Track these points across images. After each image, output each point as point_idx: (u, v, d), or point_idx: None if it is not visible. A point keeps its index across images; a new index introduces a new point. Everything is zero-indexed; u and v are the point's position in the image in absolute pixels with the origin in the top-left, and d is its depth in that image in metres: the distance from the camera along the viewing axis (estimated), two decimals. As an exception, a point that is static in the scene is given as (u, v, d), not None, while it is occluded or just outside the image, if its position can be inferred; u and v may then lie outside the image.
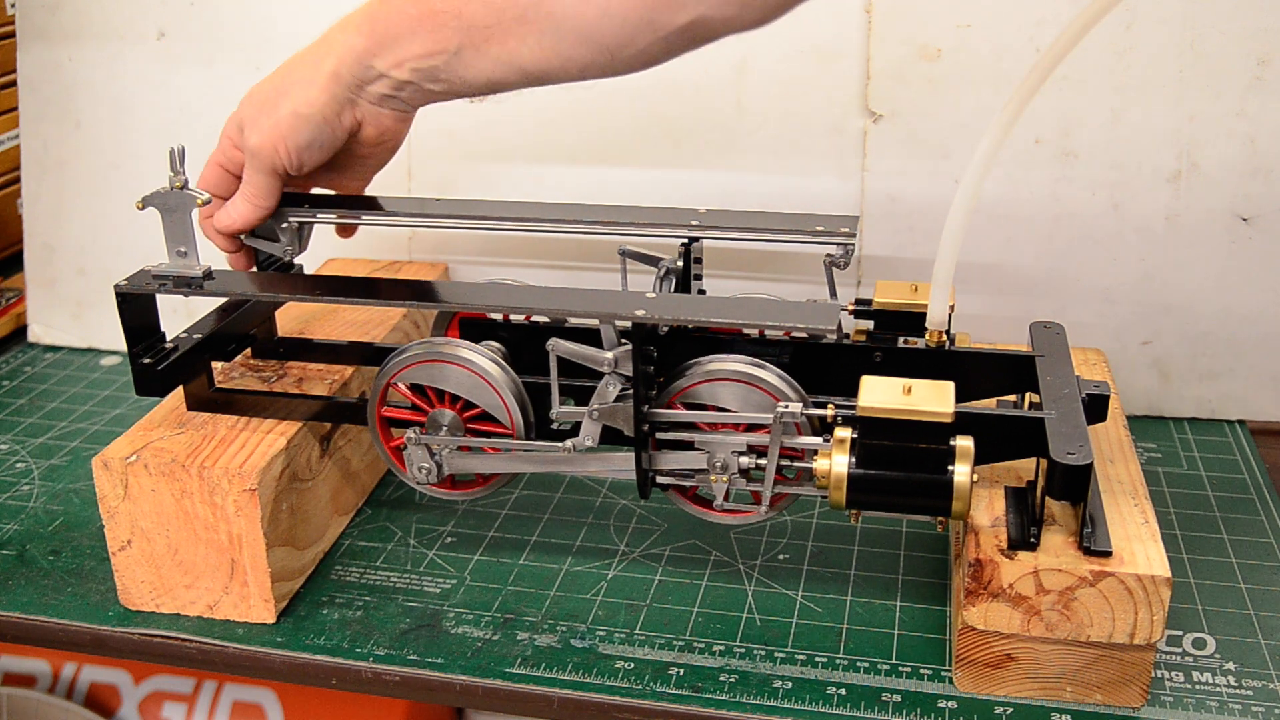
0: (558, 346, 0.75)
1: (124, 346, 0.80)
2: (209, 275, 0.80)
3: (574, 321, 0.83)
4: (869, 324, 0.81)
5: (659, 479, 0.77)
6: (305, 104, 0.77)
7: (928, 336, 0.78)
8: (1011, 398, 0.80)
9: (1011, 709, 0.72)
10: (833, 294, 0.80)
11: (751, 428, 0.74)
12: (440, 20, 0.74)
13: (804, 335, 0.79)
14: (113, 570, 0.81)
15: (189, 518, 0.78)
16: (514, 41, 0.73)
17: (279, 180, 0.80)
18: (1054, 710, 0.71)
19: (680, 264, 0.80)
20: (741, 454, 0.74)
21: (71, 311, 1.19)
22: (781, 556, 0.85)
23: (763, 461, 0.73)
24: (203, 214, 0.83)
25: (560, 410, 0.77)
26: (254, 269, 0.86)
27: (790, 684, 0.74)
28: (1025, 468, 0.77)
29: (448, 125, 1.05)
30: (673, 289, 0.80)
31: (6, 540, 0.89)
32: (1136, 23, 0.92)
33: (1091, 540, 0.69)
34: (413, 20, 0.75)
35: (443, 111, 1.04)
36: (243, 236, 0.83)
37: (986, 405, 0.76)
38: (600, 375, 0.75)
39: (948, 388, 0.68)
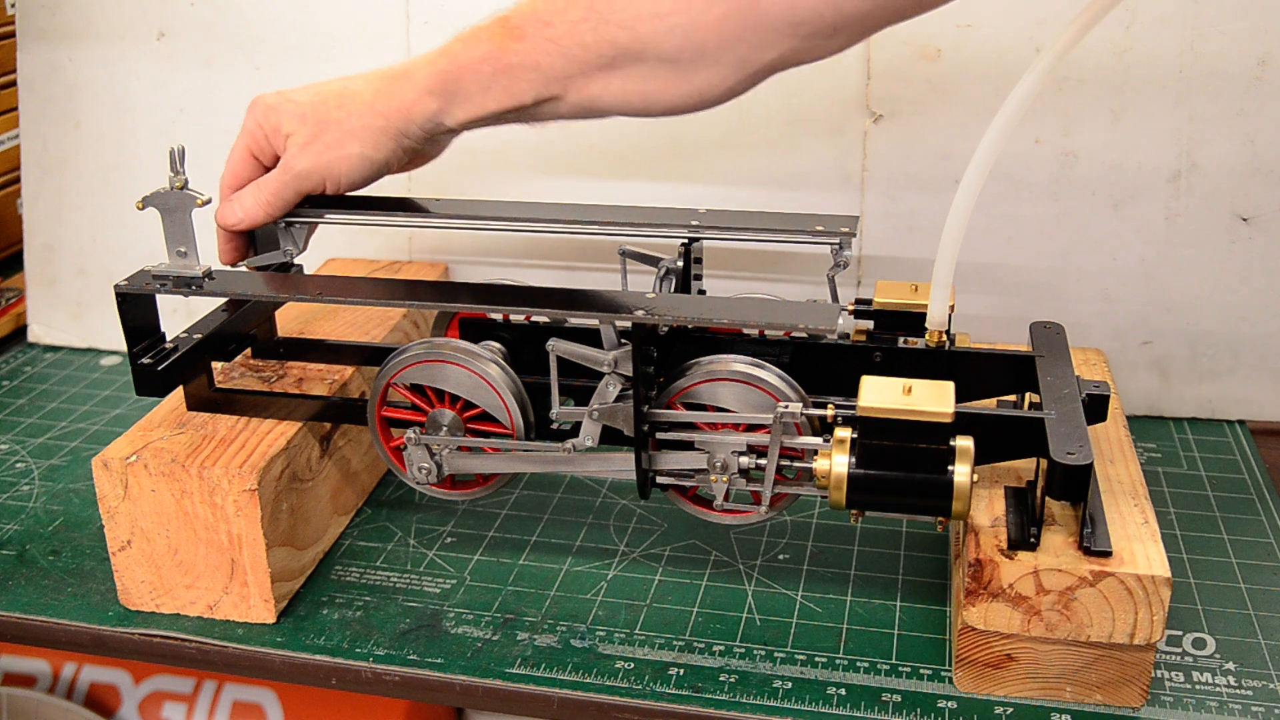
0: (557, 347, 0.75)
1: (124, 346, 0.80)
2: (209, 275, 0.80)
3: (574, 321, 0.83)
4: (869, 324, 0.81)
5: (659, 479, 0.77)
6: (374, 149, 0.78)
7: (928, 336, 0.78)
8: (1011, 398, 0.80)
9: (1011, 709, 0.72)
10: (834, 300, 0.80)
11: (752, 428, 0.74)
12: (516, 74, 0.74)
13: (804, 335, 0.79)
14: (113, 570, 0.81)
15: (189, 518, 0.78)
16: (597, 87, 0.73)
17: (302, 199, 0.82)
18: (1054, 710, 0.71)
19: (680, 264, 0.80)
20: (741, 454, 0.74)
21: (71, 311, 1.19)
22: (781, 556, 0.85)
23: (763, 461, 0.73)
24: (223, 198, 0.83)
25: (560, 410, 0.77)
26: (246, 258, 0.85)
27: (790, 684, 0.74)
28: (1025, 468, 0.77)
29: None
30: (673, 289, 0.80)
31: (6, 540, 0.89)
32: (1136, 23, 0.92)
33: (1091, 540, 0.69)
34: (486, 77, 0.74)
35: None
36: (246, 260, 0.83)
37: (986, 405, 0.76)
38: (600, 375, 0.75)
39: (948, 388, 0.68)
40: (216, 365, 0.86)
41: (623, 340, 0.74)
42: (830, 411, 0.71)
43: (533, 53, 0.73)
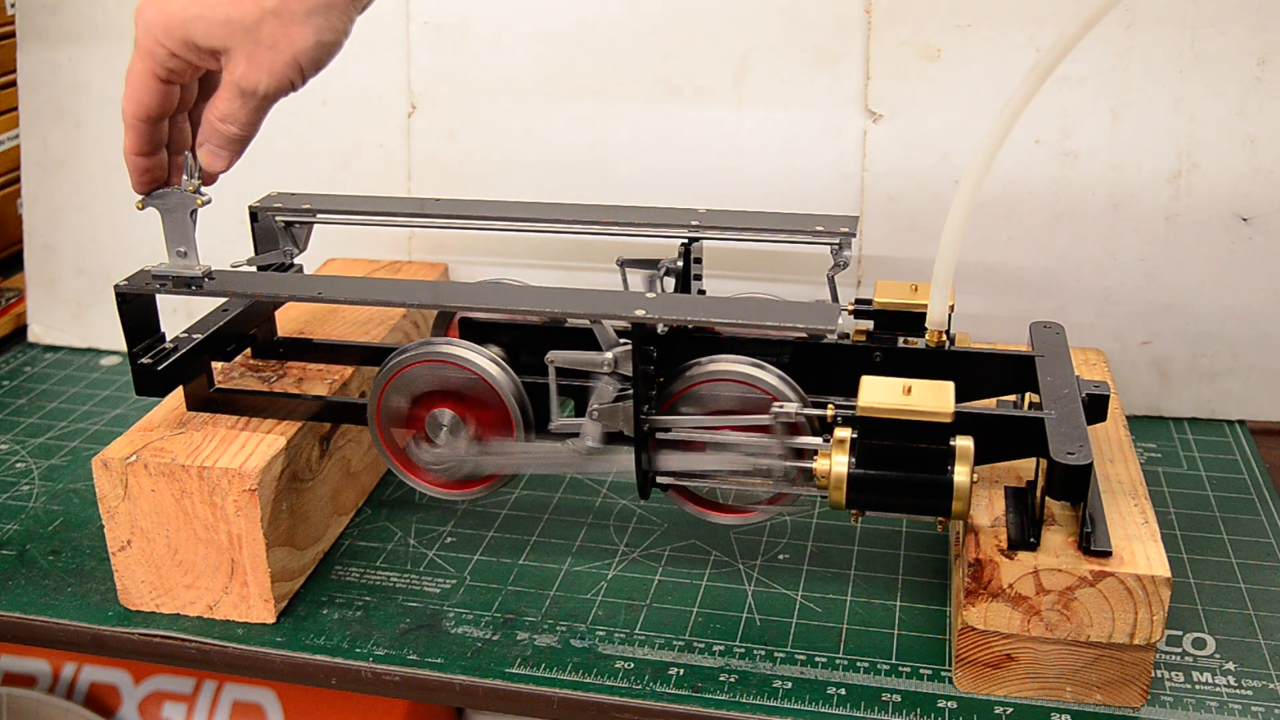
0: (557, 358, 0.75)
1: (124, 346, 0.80)
2: (209, 275, 0.80)
3: (573, 322, 0.83)
4: (869, 324, 0.81)
5: (659, 479, 0.77)
6: (330, 31, 0.69)
7: (928, 336, 0.78)
8: (1011, 398, 0.80)
9: (1011, 709, 0.72)
10: (834, 300, 0.80)
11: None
12: None
13: (803, 335, 0.79)
14: (113, 570, 0.81)
15: (189, 518, 0.78)
16: None
17: None
18: (1054, 710, 0.71)
19: (680, 264, 0.80)
20: (786, 457, 0.74)
21: (71, 311, 1.19)
22: (781, 556, 0.85)
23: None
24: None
25: (560, 422, 0.77)
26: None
27: (790, 684, 0.74)
28: (1025, 468, 0.77)
29: (448, 126, 1.05)
30: (673, 289, 0.80)
31: (6, 540, 0.89)
32: (1136, 23, 0.92)
33: (1091, 540, 0.69)
34: None
35: (443, 113, 1.05)
36: (246, 260, 0.83)
37: (986, 405, 0.76)
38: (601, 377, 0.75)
39: (947, 388, 0.68)
40: (216, 365, 0.86)
41: (622, 340, 0.74)
42: (830, 411, 0.71)
43: None
